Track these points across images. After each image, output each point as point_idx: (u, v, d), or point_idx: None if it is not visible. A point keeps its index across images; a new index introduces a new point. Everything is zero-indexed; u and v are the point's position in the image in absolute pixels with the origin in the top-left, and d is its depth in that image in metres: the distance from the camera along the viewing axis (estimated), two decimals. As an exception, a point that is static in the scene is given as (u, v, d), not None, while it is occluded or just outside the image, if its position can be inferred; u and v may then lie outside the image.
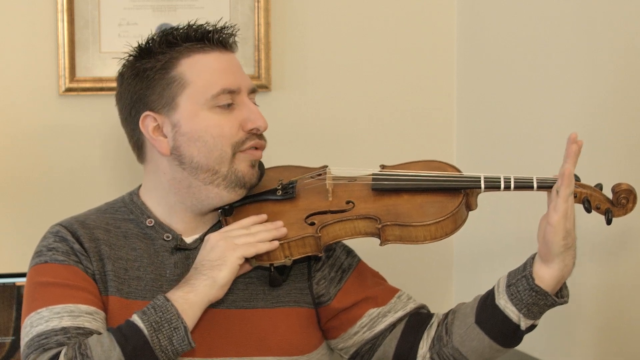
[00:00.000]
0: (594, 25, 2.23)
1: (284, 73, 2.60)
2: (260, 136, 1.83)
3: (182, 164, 1.80)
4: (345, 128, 2.67)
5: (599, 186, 1.74)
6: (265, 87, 2.57)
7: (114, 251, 1.81)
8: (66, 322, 1.70)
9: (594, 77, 2.23)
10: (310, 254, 1.77)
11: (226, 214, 1.84)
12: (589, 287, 2.26)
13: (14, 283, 2.33)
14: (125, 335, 1.65)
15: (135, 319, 1.67)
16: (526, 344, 2.37)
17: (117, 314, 1.76)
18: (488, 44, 2.63)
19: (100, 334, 1.71)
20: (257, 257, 1.77)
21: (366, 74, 2.68)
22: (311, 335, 1.85)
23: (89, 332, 1.70)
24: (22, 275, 2.33)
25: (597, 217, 1.75)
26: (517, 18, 2.50)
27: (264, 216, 1.80)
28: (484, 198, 1.83)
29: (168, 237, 1.83)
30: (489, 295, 1.76)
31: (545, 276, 1.70)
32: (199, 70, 1.80)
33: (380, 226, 1.74)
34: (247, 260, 1.78)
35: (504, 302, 1.72)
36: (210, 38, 1.81)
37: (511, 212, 2.01)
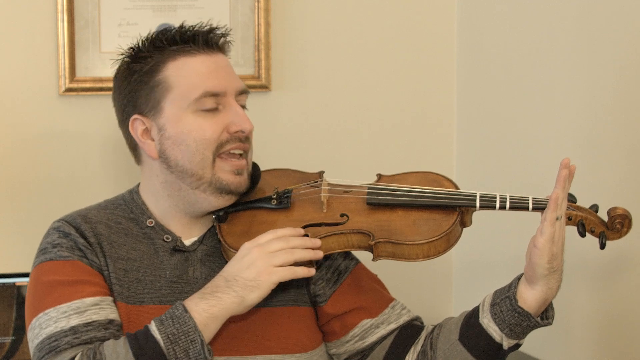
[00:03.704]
0: (595, 28, 2.23)
1: (284, 73, 2.60)
2: (246, 139, 1.82)
3: (169, 168, 1.81)
4: (346, 128, 2.67)
5: (595, 207, 1.74)
6: (265, 87, 2.57)
7: (114, 249, 1.80)
8: (74, 321, 1.70)
9: (595, 81, 2.23)
10: (300, 264, 1.76)
11: (220, 220, 1.84)
12: (589, 289, 2.26)
13: (14, 283, 2.33)
14: (142, 346, 1.64)
15: (153, 329, 1.65)
16: (526, 344, 2.37)
17: (123, 320, 1.76)
18: (488, 48, 2.63)
19: (110, 321, 1.72)
20: None
21: (366, 74, 2.68)
22: (312, 333, 1.86)
23: (97, 325, 1.70)
24: (22, 275, 2.33)
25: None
26: (517, 24, 2.50)
27: (301, 230, 1.76)
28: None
29: (168, 238, 1.83)
30: (474, 313, 1.76)
31: (528, 298, 1.69)
32: (183, 74, 1.79)
33: (373, 242, 1.73)
34: None
35: (487, 321, 1.72)
36: (196, 40, 1.81)
37: (513, 223, 2.01)
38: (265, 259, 1.69)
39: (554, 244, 1.65)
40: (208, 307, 1.67)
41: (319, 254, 1.73)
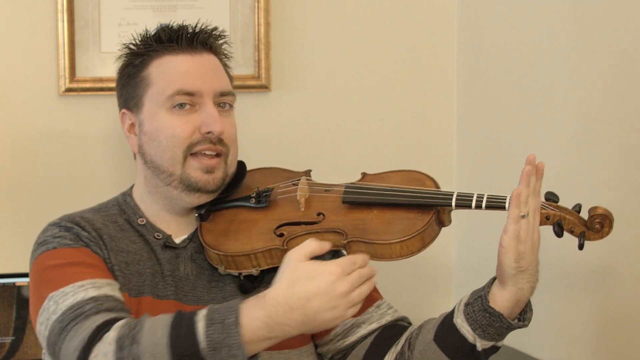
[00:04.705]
0: (595, 28, 2.23)
1: (284, 73, 2.60)
2: (219, 142, 1.82)
3: (146, 163, 1.85)
4: (346, 128, 2.67)
5: (577, 207, 1.70)
6: (265, 87, 2.57)
7: (114, 242, 1.81)
8: (92, 293, 1.64)
9: (595, 81, 2.23)
10: (278, 265, 1.74)
11: (202, 218, 1.85)
12: (589, 289, 2.26)
13: (14, 283, 2.33)
14: (181, 337, 1.53)
15: (199, 327, 1.53)
16: (526, 344, 2.38)
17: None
18: (488, 48, 2.63)
19: (123, 301, 1.68)
20: (227, 265, 1.78)
21: (366, 74, 2.67)
22: None
23: (114, 299, 1.66)
24: (22, 275, 2.33)
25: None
26: (517, 24, 2.50)
27: (367, 258, 1.61)
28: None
29: (159, 235, 1.85)
30: (450, 313, 1.75)
31: (499, 298, 1.67)
32: (162, 71, 1.83)
33: (345, 242, 1.72)
34: (215, 267, 1.80)
35: (460, 321, 1.71)
36: (180, 40, 1.83)
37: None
38: (348, 302, 1.55)
39: (520, 242, 1.62)
40: (268, 335, 1.54)
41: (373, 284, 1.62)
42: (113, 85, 2.40)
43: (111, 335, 1.55)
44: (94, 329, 1.57)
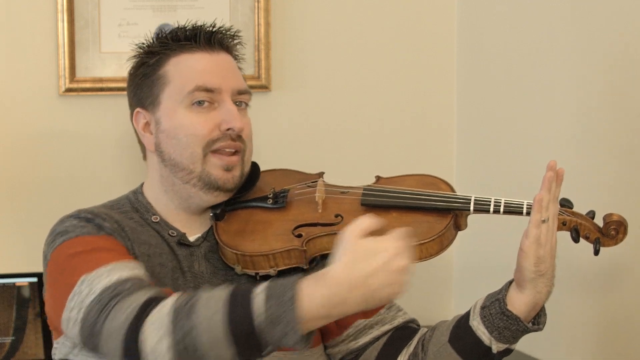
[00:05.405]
0: (595, 28, 2.23)
1: (284, 73, 2.60)
2: (238, 138, 1.83)
3: (163, 161, 1.84)
4: (346, 129, 2.67)
5: (591, 213, 1.73)
6: (265, 88, 2.57)
7: (136, 234, 1.79)
8: (127, 273, 1.60)
9: (596, 82, 2.23)
10: (295, 266, 1.75)
11: (217, 218, 1.85)
12: (590, 291, 2.26)
13: (14, 283, 2.33)
14: (237, 312, 1.46)
15: (257, 302, 1.46)
16: (526, 344, 2.37)
17: None
18: (488, 48, 2.63)
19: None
20: (244, 265, 1.78)
21: (366, 74, 2.68)
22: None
23: (149, 283, 1.62)
24: (22, 275, 2.33)
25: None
26: (517, 24, 2.50)
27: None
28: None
29: (173, 233, 1.85)
30: (465, 316, 1.76)
31: (517, 301, 1.69)
32: (180, 69, 1.83)
33: None
34: (232, 267, 1.79)
35: (476, 324, 1.72)
36: (198, 38, 1.84)
37: (514, 225, 2.01)
38: (405, 276, 1.53)
39: (540, 246, 1.65)
40: (326, 313, 1.47)
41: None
42: (113, 85, 2.42)
43: (169, 304, 1.49)
44: (143, 302, 1.52)
